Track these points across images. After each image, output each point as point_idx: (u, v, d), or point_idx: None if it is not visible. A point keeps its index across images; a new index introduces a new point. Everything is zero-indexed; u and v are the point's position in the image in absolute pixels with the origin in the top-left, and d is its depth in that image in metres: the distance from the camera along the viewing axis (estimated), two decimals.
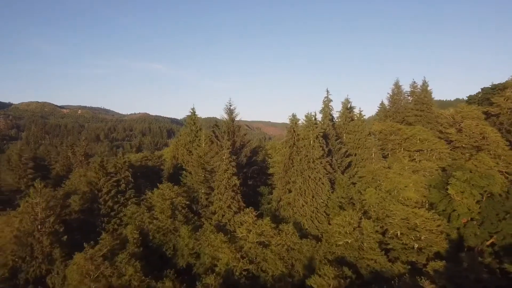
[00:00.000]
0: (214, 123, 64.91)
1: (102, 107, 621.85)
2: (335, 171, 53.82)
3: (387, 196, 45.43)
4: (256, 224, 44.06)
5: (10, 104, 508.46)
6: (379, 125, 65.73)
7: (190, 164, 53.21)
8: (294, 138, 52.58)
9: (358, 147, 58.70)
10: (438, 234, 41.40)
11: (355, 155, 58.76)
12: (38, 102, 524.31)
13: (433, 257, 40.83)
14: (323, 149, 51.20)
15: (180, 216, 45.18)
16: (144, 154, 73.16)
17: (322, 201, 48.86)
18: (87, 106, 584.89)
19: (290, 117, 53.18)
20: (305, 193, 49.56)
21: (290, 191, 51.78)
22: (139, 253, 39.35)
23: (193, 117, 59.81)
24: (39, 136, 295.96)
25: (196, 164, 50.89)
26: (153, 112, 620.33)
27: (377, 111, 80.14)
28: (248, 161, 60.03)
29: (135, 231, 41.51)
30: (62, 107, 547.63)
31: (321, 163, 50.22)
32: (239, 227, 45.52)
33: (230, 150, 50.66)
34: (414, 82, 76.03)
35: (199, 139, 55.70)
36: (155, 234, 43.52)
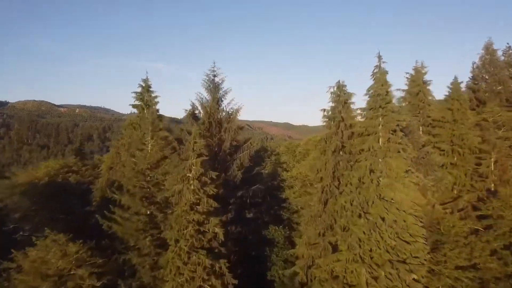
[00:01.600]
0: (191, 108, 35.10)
1: (102, 107, 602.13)
2: (429, 204, 26.00)
3: None
4: None
5: (6, 103, 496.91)
6: (472, 114, 37.73)
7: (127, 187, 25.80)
8: (341, 132, 24.98)
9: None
10: None
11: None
12: (35, 101, 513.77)
13: None
14: (406, 157, 23.56)
15: None
16: (64, 163, 43.70)
17: (415, 277, 21.15)
18: (86, 105, 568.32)
19: (332, 89, 25.37)
20: (371, 254, 21.95)
21: (334, 248, 24.11)
22: None
23: (145, 95, 31.76)
24: (26, 136, 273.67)
25: (132, 186, 23.65)
26: None
27: (447, 93, 51.81)
28: (247, 175, 32.46)
29: None
30: (60, 106, 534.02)
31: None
32: None
33: (207, 157, 23.40)
34: (510, 47, 48.33)
35: (146, 135, 28.02)
36: None
